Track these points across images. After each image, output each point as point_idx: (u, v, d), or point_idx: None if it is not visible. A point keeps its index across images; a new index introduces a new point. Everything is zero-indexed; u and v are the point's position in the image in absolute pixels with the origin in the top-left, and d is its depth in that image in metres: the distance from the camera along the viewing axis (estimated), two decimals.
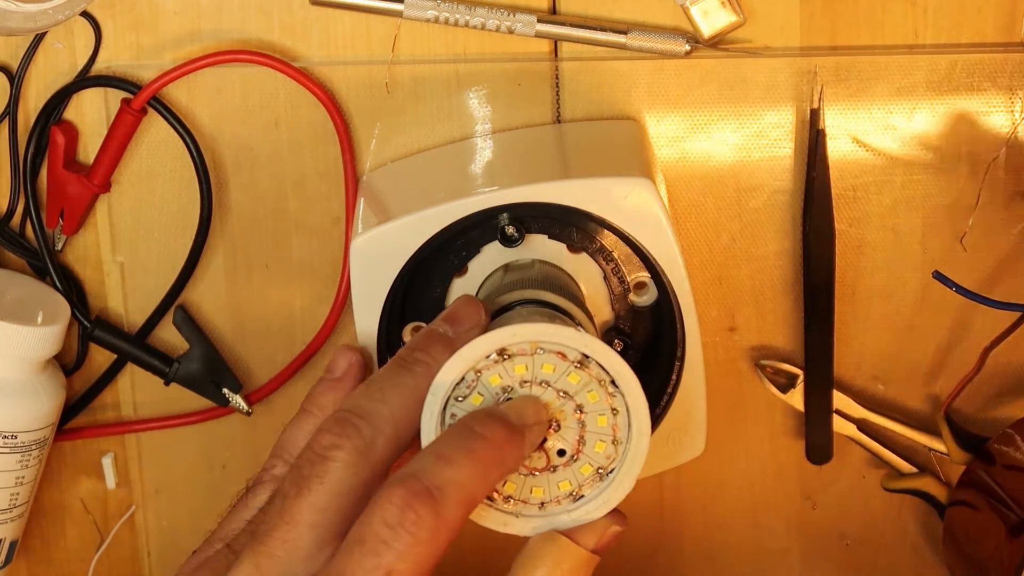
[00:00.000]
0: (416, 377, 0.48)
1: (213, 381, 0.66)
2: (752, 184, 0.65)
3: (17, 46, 0.63)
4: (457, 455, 0.44)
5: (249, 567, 0.45)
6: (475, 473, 0.44)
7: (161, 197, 0.65)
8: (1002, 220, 0.65)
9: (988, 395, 0.67)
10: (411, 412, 0.47)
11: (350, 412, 0.47)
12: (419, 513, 0.42)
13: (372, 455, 0.46)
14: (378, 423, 0.47)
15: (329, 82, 0.63)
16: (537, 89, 0.64)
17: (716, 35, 0.62)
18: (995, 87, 0.63)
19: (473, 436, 0.44)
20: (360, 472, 0.46)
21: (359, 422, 0.46)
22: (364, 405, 0.47)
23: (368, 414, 0.47)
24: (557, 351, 0.47)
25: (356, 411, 0.47)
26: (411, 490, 0.43)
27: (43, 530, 0.70)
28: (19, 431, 0.62)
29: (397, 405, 0.47)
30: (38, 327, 0.62)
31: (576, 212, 0.56)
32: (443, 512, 0.43)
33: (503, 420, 0.45)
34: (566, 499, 0.48)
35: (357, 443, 0.46)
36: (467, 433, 0.45)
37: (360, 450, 0.46)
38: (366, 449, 0.46)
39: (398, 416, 0.47)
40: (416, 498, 0.43)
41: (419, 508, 0.42)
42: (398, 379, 0.48)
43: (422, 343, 0.49)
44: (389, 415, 0.47)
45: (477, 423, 0.45)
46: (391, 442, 0.47)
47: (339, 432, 0.46)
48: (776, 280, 0.66)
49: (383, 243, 0.57)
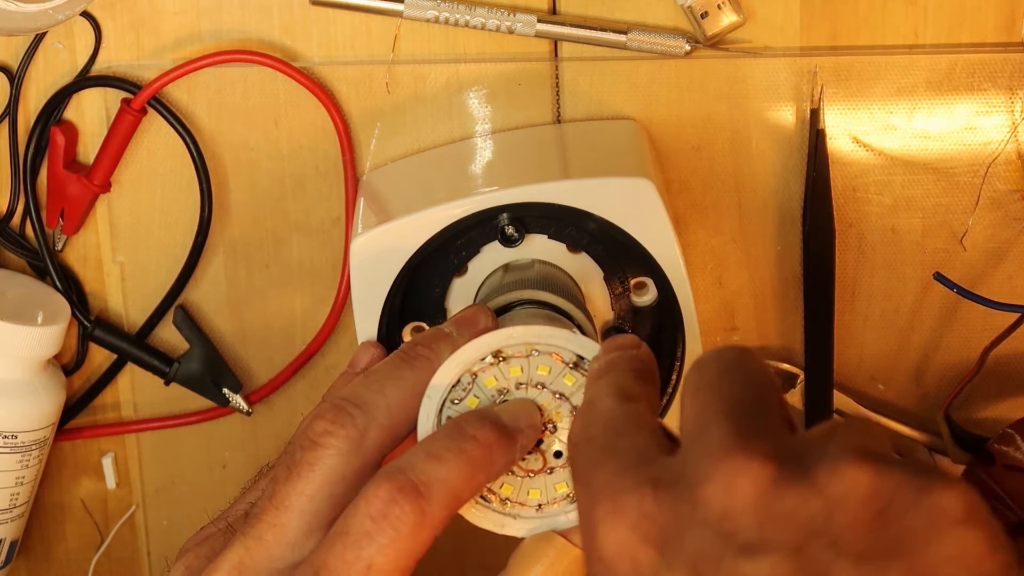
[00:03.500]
0: (416, 371, 0.48)
1: (213, 381, 0.66)
2: (752, 184, 0.65)
3: (17, 46, 0.63)
4: (446, 453, 0.44)
5: (239, 549, 0.46)
6: (463, 472, 0.44)
7: (161, 197, 0.65)
8: (1002, 220, 0.65)
9: (988, 395, 0.67)
10: (407, 405, 0.47)
11: (346, 400, 0.47)
12: (403, 508, 0.43)
13: (365, 444, 0.46)
14: (373, 413, 0.47)
15: (329, 82, 0.63)
16: (537, 89, 0.64)
17: (716, 35, 0.62)
18: (995, 87, 0.63)
19: (464, 436, 0.45)
20: (352, 461, 0.46)
21: (354, 411, 0.47)
22: (361, 394, 0.47)
23: (364, 403, 0.47)
24: (552, 353, 0.47)
25: (352, 399, 0.47)
26: (397, 485, 0.43)
27: (43, 530, 0.70)
28: (19, 431, 0.62)
29: (394, 397, 0.47)
30: (38, 327, 0.62)
31: (576, 212, 0.56)
32: (427, 509, 0.43)
33: (495, 422, 0.45)
34: (563, 500, 0.48)
35: (351, 432, 0.46)
36: (458, 433, 0.45)
37: (353, 439, 0.46)
38: (359, 438, 0.46)
39: (394, 407, 0.47)
40: (401, 493, 0.43)
41: (403, 503, 0.43)
42: (397, 372, 0.48)
43: (426, 339, 0.50)
44: (385, 406, 0.47)
45: (469, 424, 0.45)
46: (385, 433, 0.47)
47: (333, 419, 0.46)
48: (776, 280, 0.66)
49: (383, 243, 0.57)
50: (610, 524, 0.36)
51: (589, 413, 0.41)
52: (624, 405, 0.41)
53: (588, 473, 0.38)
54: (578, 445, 0.40)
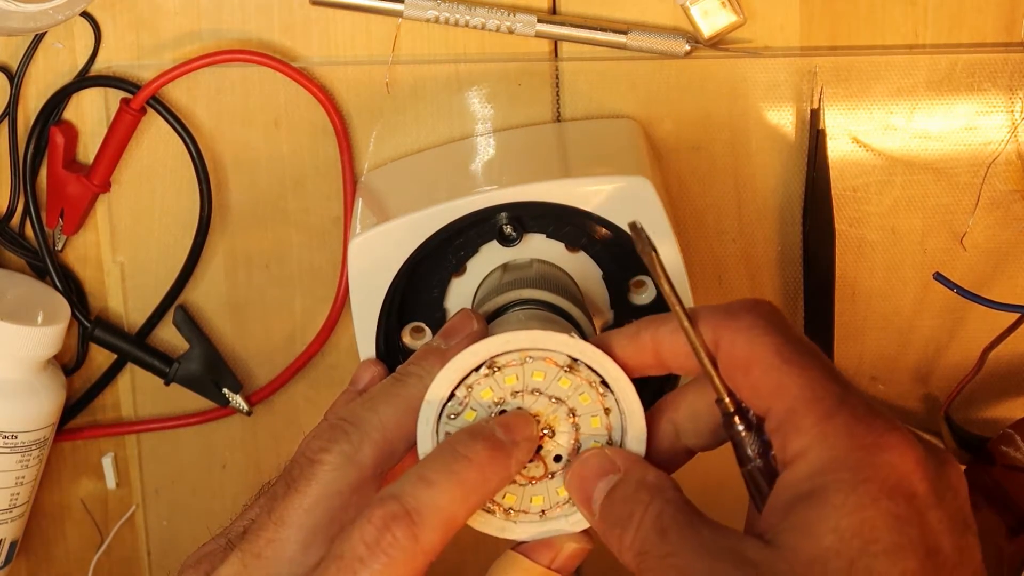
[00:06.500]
0: (407, 388, 0.49)
1: (213, 381, 0.66)
2: (752, 184, 0.65)
3: (17, 46, 0.63)
4: (438, 476, 0.44)
5: (237, 565, 0.47)
6: (456, 496, 0.44)
7: (161, 197, 0.65)
8: (1002, 220, 0.65)
9: (988, 395, 0.67)
10: (401, 421, 0.48)
11: (341, 419, 0.48)
12: (395, 535, 0.43)
13: (359, 459, 0.47)
14: (366, 429, 0.48)
15: (329, 82, 0.63)
16: (537, 89, 0.64)
17: (716, 35, 0.62)
18: (995, 87, 0.63)
19: (456, 458, 0.45)
20: (348, 475, 0.47)
21: (348, 427, 0.48)
22: (355, 413, 0.48)
23: (357, 420, 0.48)
24: (546, 357, 0.47)
25: (347, 418, 0.48)
26: (390, 512, 0.43)
27: (43, 530, 0.70)
28: (19, 431, 0.62)
29: (386, 413, 0.48)
30: (38, 327, 0.62)
31: (574, 211, 0.56)
32: (421, 535, 0.43)
33: (488, 439, 0.45)
34: (566, 504, 0.48)
35: (344, 447, 0.47)
36: (451, 455, 0.45)
37: (347, 454, 0.47)
38: (353, 453, 0.47)
39: (387, 424, 0.48)
40: (395, 520, 0.43)
41: (396, 530, 0.43)
42: (390, 391, 0.49)
43: (416, 358, 0.51)
44: (378, 422, 0.48)
45: (461, 444, 0.45)
46: (378, 448, 0.47)
47: (328, 437, 0.48)
48: (776, 280, 0.66)
49: (381, 243, 0.57)
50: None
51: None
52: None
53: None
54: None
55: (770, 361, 0.42)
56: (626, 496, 0.44)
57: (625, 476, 0.45)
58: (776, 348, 0.43)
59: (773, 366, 0.42)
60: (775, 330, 0.43)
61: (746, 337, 0.43)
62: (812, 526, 0.40)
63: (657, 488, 0.44)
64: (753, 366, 0.43)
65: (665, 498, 0.44)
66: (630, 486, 0.45)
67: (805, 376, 0.42)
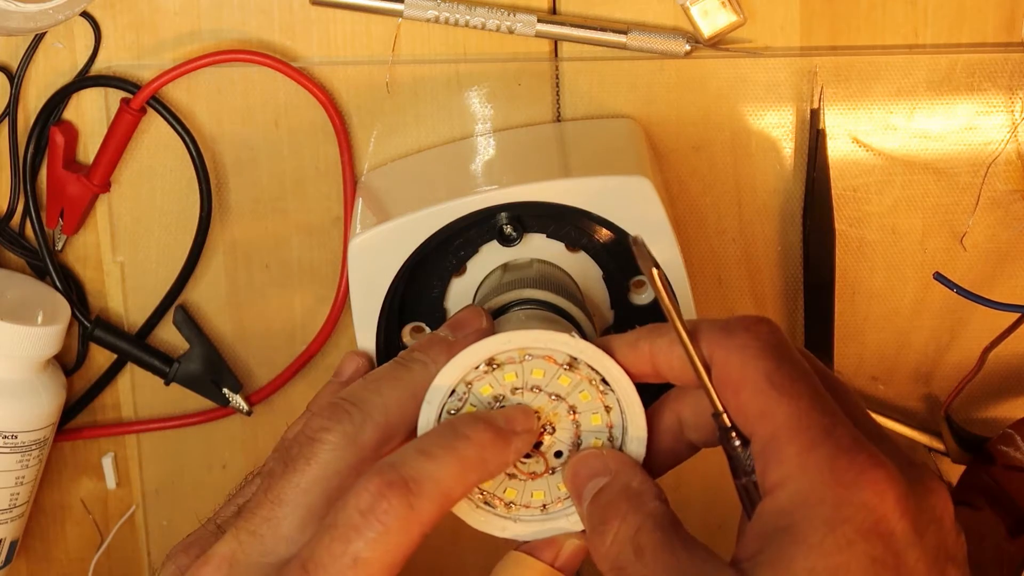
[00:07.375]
0: (412, 373, 0.48)
1: (213, 381, 0.66)
2: (752, 184, 0.65)
3: (17, 46, 0.63)
4: (438, 451, 0.44)
5: (232, 543, 0.46)
6: (454, 471, 0.44)
7: (161, 197, 0.65)
8: (1002, 220, 0.65)
9: (988, 395, 0.67)
10: (404, 405, 0.48)
11: (343, 399, 0.48)
12: (391, 503, 0.43)
13: (360, 440, 0.47)
14: (368, 410, 0.47)
15: (329, 82, 0.63)
16: (537, 89, 0.64)
17: (716, 35, 0.62)
18: (995, 87, 0.63)
19: (457, 435, 0.45)
20: (347, 456, 0.46)
21: (350, 408, 0.47)
22: (357, 393, 0.48)
23: (360, 401, 0.47)
24: (545, 356, 0.47)
25: (349, 398, 0.48)
26: (387, 480, 0.43)
27: (43, 530, 0.70)
28: (19, 431, 0.62)
29: (390, 396, 0.48)
30: (38, 327, 0.62)
31: (575, 211, 0.56)
32: (416, 504, 0.43)
33: (489, 423, 0.46)
34: (566, 500, 0.48)
35: (346, 427, 0.47)
36: (451, 432, 0.45)
37: (348, 434, 0.46)
38: (355, 434, 0.47)
39: (390, 406, 0.47)
40: (391, 488, 0.43)
41: (392, 498, 0.43)
42: (394, 374, 0.49)
43: (422, 345, 0.50)
44: (381, 404, 0.47)
45: (463, 424, 0.45)
46: (380, 430, 0.47)
47: (330, 416, 0.47)
48: (776, 280, 0.66)
49: (381, 243, 0.57)
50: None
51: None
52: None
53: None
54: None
55: (759, 385, 0.42)
56: (608, 501, 0.45)
57: (612, 480, 0.45)
58: (767, 372, 0.42)
59: (762, 390, 0.42)
60: (769, 353, 0.43)
61: (740, 358, 0.43)
62: (787, 563, 0.40)
63: (638, 498, 0.44)
64: (742, 388, 0.43)
65: (645, 511, 0.44)
66: (613, 491, 0.45)
67: (793, 405, 0.42)
